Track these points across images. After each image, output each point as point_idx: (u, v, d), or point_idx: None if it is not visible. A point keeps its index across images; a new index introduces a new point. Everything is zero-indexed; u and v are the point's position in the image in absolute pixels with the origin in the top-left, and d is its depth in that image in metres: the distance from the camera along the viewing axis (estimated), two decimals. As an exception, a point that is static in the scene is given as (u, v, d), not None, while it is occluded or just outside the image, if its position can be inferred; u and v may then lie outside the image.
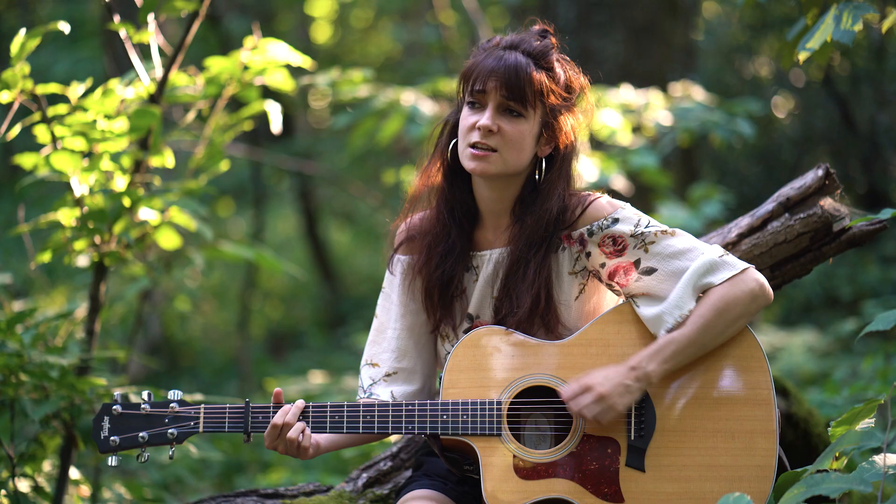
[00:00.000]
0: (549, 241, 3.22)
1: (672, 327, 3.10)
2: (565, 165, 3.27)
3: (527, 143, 3.20)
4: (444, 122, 3.37)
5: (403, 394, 3.34)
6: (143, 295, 5.72)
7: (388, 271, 3.42)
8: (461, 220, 3.31)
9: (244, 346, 11.70)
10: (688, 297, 3.10)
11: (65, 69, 10.97)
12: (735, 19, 11.96)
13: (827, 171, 3.73)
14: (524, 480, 3.07)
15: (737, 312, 3.10)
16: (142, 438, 3.15)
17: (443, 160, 3.34)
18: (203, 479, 6.92)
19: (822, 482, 2.54)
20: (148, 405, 3.17)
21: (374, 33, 15.30)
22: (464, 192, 3.32)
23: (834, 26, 3.45)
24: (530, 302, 3.18)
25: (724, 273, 3.11)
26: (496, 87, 3.16)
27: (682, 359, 3.09)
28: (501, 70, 3.16)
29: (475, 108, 3.20)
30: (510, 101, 3.16)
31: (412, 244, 3.38)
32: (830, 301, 9.62)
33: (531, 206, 3.23)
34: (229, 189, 13.76)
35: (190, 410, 3.17)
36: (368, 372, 3.38)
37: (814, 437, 4.25)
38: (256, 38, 4.38)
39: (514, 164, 3.20)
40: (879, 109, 10.49)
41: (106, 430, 3.15)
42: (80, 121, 4.09)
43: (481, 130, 3.15)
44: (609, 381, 3.05)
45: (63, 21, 4.10)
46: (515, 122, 3.18)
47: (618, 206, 3.23)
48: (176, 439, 3.16)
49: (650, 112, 6.67)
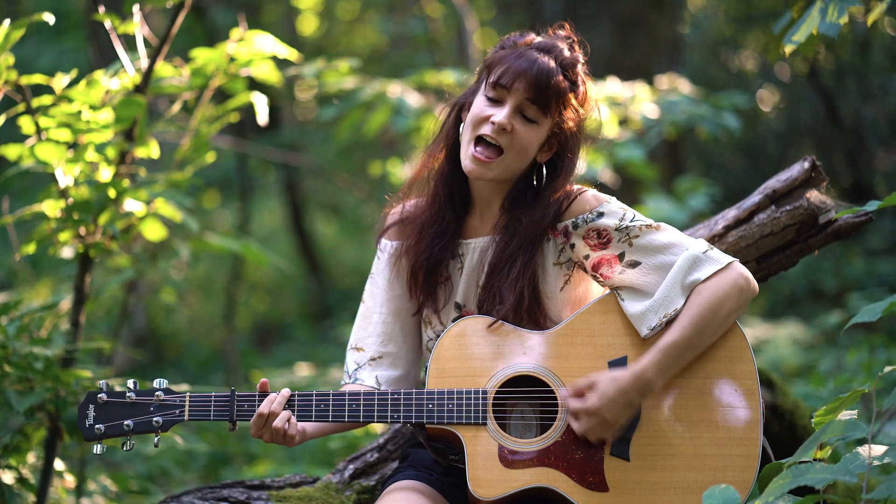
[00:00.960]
0: (540, 240, 3.23)
1: (657, 325, 3.10)
2: (568, 174, 3.27)
3: (532, 150, 3.21)
4: (454, 105, 3.35)
5: (388, 379, 3.34)
6: (128, 286, 5.71)
7: (376, 255, 3.43)
8: (457, 204, 3.32)
9: (230, 338, 11.68)
10: (675, 294, 3.10)
11: (49, 60, 10.92)
12: (721, 12, 11.99)
13: (813, 163, 3.74)
14: (509, 469, 3.07)
15: (728, 308, 3.10)
16: (127, 426, 3.14)
17: (447, 143, 3.33)
18: (189, 471, 6.91)
19: (806, 472, 2.55)
20: (133, 393, 3.16)
21: (360, 25, 15.27)
22: (463, 177, 3.31)
23: (819, 19, 3.46)
24: (514, 300, 3.18)
25: (710, 268, 3.11)
26: (523, 88, 3.15)
27: (682, 363, 3.09)
28: (533, 73, 3.14)
29: (493, 101, 3.19)
30: (532, 106, 3.16)
31: (402, 229, 3.39)
32: (815, 294, 9.66)
33: (526, 208, 3.23)
34: (215, 181, 13.75)
35: (175, 398, 3.16)
36: (353, 356, 3.39)
37: (799, 428, 4.27)
38: (242, 30, 4.37)
39: (514, 169, 3.22)
40: (864, 103, 10.53)
41: (91, 418, 3.15)
42: (64, 111, 4.07)
43: (495, 126, 3.15)
44: (615, 404, 3.01)
45: (48, 12, 4.08)
46: (529, 126, 3.18)
47: (603, 199, 3.23)
48: (161, 427, 3.15)
49: (636, 105, 6.68)
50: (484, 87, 3.23)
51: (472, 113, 3.22)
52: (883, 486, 2.48)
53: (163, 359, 12.84)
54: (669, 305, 3.10)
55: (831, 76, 10.75)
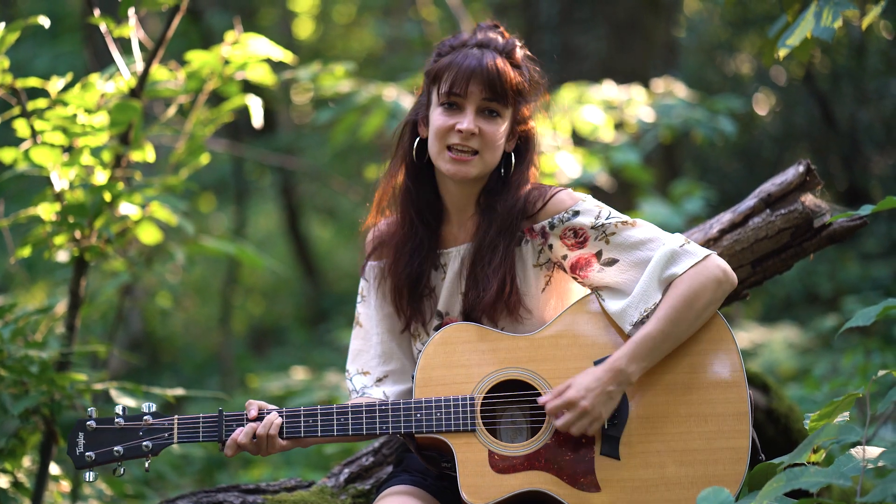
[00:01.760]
0: (513, 230, 3.24)
1: (638, 320, 3.11)
2: (530, 156, 3.32)
3: (502, 140, 3.24)
4: (405, 123, 3.37)
5: (396, 393, 3.36)
6: (123, 290, 5.70)
7: (362, 279, 3.44)
8: (428, 218, 3.33)
9: (226, 341, 11.67)
10: (653, 289, 3.11)
11: (45, 64, 10.90)
12: (717, 16, 12.00)
13: (808, 167, 3.74)
14: (500, 475, 3.07)
15: (705, 300, 3.11)
16: (117, 452, 3.15)
17: (408, 161, 3.34)
18: (184, 475, 6.90)
19: (801, 476, 2.55)
20: (122, 419, 3.17)
21: (356, 29, 15.28)
22: (429, 191, 3.33)
23: (814, 23, 3.47)
24: (497, 285, 3.19)
25: (687, 262, 3.12)
26: (479, 89, 3.17)
27: (659, 354, 3.10)
28: (484, 72, 3.16)
29: (452, 109, 3.21)
30: (492, 103, 3.18)
31: (382, 250, 3.41)
32: (811, 298, 9.66)
33: (499, 196, 3.26)
34: (211, 184, 13.73)
35: (164, 422, 3.16)
36: (361, 380, 3.40)
37: (794, 432, 4.27)
38: (238, 33, 4.37)
39: (492, 163, 3.24)
40: (859, 107, 10.54)
41: (81, 446, 3.16)
42: (60, 115, 4.07)
43: (463, 133, 3.16)
44: (591, 392, 3.04)
45: (43, 15, 4.08)
46: (493, 122, 3.20)
47: (578, 198, 3.25)
48: (151, 451, 3.16)
49: (632, 108, 6.68)
50: (436, 97, 3.24)
51: (434, 126, 3.23)
52: (877, 490, 2.48)
53: (158, 362, 12.82)
54: (648, 300, 3.11)
55: (827, 80, 10.76)
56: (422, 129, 3.32)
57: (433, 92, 3.26)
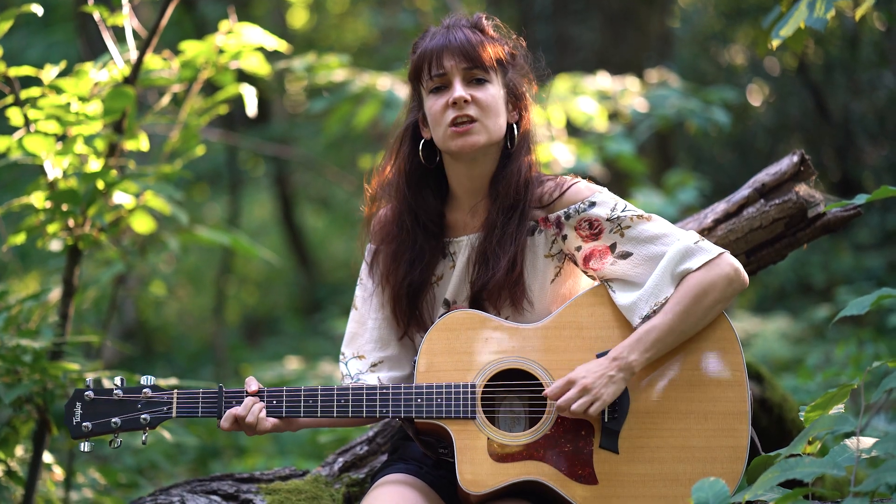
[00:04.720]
0: (523, 206, 3.22)
1: (648, 314, 3.11)
2: (527, 126, 3.31)
3: (500, 107, 3.23)
4: (405, 128, 3.35)
5: (391, 380, 3.34)
6: (117, 279, 5.69)
7: (364, 262, 3.42)
8: (426, 224, 3.30)
9: (219, 331, 11.67)
10: (665, 283, 3.11)
11: (38, 53, 10.86)
12: (711, 7, 11.99)
13: (802, 157, 3.75)
14: (498, 463, 3.07)
15: (714, 298, 3.11)
16: (114, 424, 3.13)
17: (408, 167, 3.31)
18: (178, 464, 6.91)
19: (795, 466, 2.56)
20: (120, 391, 3.15)
21: (350, 19, 15.25)
22: (432, 198, 3.31)
23: (807, 13, 3.47)
24: (506, 265, 3.18)
25: (701, 258, 3.11)
26: (455, 61, 3.18)
27: (663, 347, 3.10)
28: (455, 44, 3.19)
29: (440, 91, 3.21)
30: (474, 70, 3.19)
31: (384, 235, 3.38)
32: (804, 288, 9.68)
33: (503, 173, 3.24)
34: (205, 174, 13.70)
35: (163, 396, 3.16)
36: (356, 364, 3.38)
37: (787, 422, 4.28)
38: (232, 22, 4.36)
39: (496, 131, 3.21)
40: (853, 98, 10.55)
41: (78, 416, 3.14)
42: (53, 103, 4.06)
43: (457, 103, 3.16)
44: (592, 373, 3.05)
45: (36, 3, 4.06)
46: (483, 88, 3.20)
47: (595, 189, 3.24)
48: (149, 424, 3.15)
49: (626, 99, 6.69)
50: (424, 90, 3.25)
51: (430, 114, 3.23)
52: (871, 479, 2.49)
53: (152, 352, 12.82)
54: (660, 294, 3.10)
55: (820, 71, 10.76)
56: (423, 130, 3.30)
57: (420, 88, 3.26)
